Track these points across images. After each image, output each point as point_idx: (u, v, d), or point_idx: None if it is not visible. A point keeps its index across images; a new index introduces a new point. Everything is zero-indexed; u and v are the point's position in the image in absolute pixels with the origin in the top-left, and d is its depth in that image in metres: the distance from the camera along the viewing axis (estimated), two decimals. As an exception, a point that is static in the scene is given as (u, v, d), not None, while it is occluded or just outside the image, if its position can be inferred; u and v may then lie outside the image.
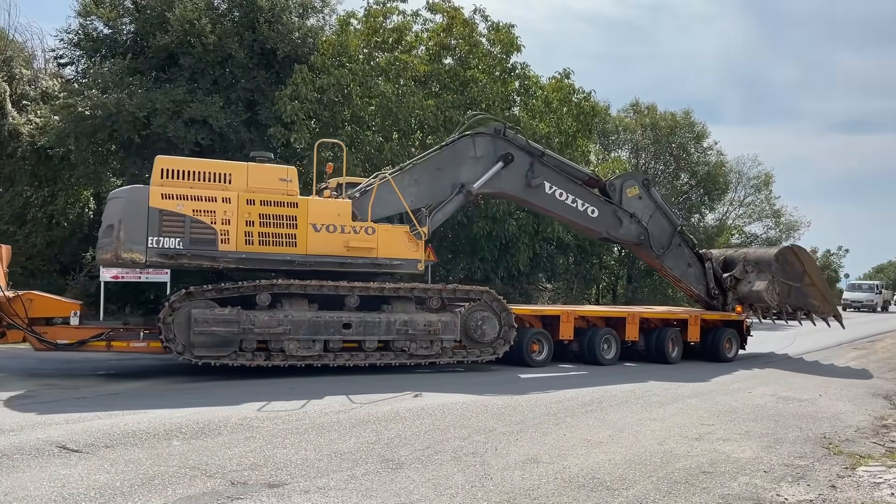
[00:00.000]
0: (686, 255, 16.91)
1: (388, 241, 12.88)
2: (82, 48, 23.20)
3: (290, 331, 11.93)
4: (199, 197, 11.68)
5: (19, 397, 10.03)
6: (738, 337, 16.88)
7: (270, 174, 12.37)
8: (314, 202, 12.58)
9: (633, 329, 15.39)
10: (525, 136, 15.28)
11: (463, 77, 22.94)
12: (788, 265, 16.98)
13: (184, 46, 20.68)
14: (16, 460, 6.43)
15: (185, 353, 11.54)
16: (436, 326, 12.91)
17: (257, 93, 21.29)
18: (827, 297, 17.87)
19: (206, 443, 7.27)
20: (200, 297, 11.75)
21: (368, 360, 12.55)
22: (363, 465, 6.54)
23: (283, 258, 12.13)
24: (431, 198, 14.12)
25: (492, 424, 8.57)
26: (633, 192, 16.02)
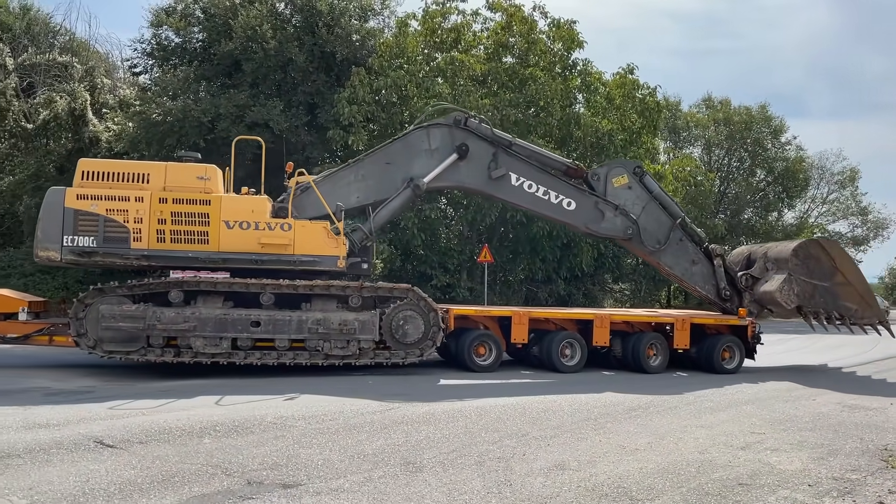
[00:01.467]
0: (689, 252, 14.99)
1: (306, 238, 12.37)
2: (154, 57, 24.17)
3: (195, 328, 11.87)
4: (113, 197, 11.94)
5: (75, 392, 10.44)
6: (740, 345, 14.49)
7: (188, 173, 12.36)
8: (228, 199, 12.34)
9: (602, 333, 13.80)
10: (490, 126, 14.19)
11: (521, 75, 22.70)
12: (812, 261, 14.69)
13: (247, 52, 21.25)
14: (51, 454, 6.66)
15: (96, 348, 11.89)
16: (352, 326, 12.28)
17: (317, 96, 21.66)
18: (867, 300, 15.14)
19: (235, 441, 7.37)
20: (111, 294, 12.03)
21: (280, 359, 12.22)
22: (382, 468, 6.48)
23: (194, 255, 12.05)
24: (380, 193, 13.57)
25: (526, 429, 8.37)
26: (621, 182, 14.53)
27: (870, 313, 15.10)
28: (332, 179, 13.71)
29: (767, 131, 39.64)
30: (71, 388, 10.79)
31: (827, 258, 14.80)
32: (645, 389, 11.64)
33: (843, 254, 15.31)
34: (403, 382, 12.02)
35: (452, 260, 22.83)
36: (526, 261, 23.82)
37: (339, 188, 13.57)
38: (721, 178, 39.41)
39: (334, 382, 11.52)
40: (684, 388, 12.12)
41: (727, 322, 14.68)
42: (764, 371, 14.65)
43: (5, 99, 26.94)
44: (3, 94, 27.06)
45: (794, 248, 14.65)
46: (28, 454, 6.65)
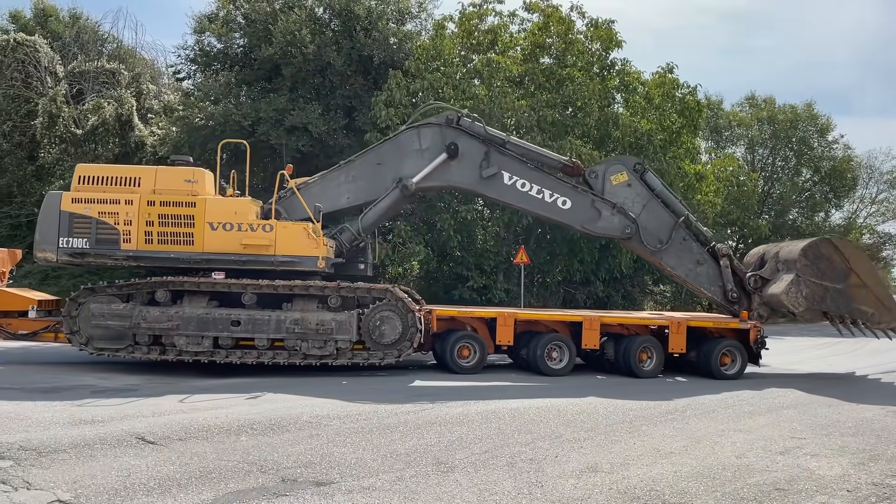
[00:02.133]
0: (694, 252, 14.23)
1: (287, 239, 12.44)
2: (197, 63, 24.68)
3: (179, 326, 12.23)
4: (105, 200, 12.37)
5: (120, 390, 10.73)
6: (742, 350, 13.66)
7: (176, 176, 12.67)
8: (212, 201, 12.56)
9: (591, 335, 13.36)
10: (483, 124, 13.92)
11: (559, 75, 22.62)
12: (824, 261, 13.69)
13: (286, 57, 21.59)
14: (95, 450, 6.88)
15: (88, 345, 12.42)
16: (329, 326, 12.36)
17: (355, 99, 21.88)
18: (886, 303, 14.00)
19: (271, 439, 7.51)
20: (101, 293, 12.54)
21: (260, 358, 12.40)
22: (414, 467, 6.54)
23: (180, 256, 12.33)
24: (371, 194, 13.56)
25: (560, 430, 8.35)
26: (620, 180, 14.01)
27: (888, 318, 14.02)
28: (323, 181, 13.88)
29: (813, 130, 38.72)
30: (116, 386, 11.09)
31: (840, 258, 13.80)
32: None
33: (858, 254, 14.35)
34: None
35: (489, 261, 22.83)
36: (564, 262, 23.70)
37: (330, 189, 13.71)
38: (765, 177, 38.63)
39: (363, 383, 11.64)
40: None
41: (727, 325, 13.92)
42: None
43: (55, 105, 27.77)
44: (54, 100, 27.91)
45: (803, 248, 13.72)
46: (73, 449, 6.88)
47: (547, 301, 25.12)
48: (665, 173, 22.92)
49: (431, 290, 24.03)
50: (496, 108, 20.96)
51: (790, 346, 22.06)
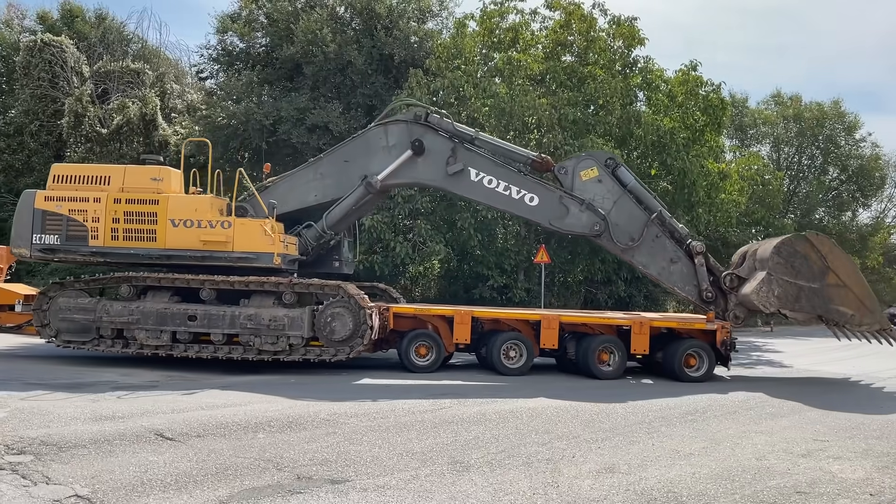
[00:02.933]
0: (668, 249, 13.65)
1: (244, 235, 12.61)
2: (220, 62, 24.86)
3: (139, 321, 12.65)
4: (75, 198, 12.80)
5: (141, 386, 10.84)
6: (709, 351, 13.00)
7: (143, 174, 13.04)
8: (174, 198, 12.81)
9: (549, 335, 13.04)
10: (452, 121, 13.80)
11: (580, 73, 22.47)
12: (798, 259, 12.92)
13: (307, 56, 21.68)
14: (115, 445, 6.94)
15: (57, 338, 12.98)
16: (282, 322, 12.43)
17: (375, 98, 21.92)
18: (867, 304, 13.14)
19: (288, 437, 7.53)
20: (71, 288, 13.14)
21: (217, 353, 12.64)
22: (430, 466, 6.52)
23: (143, 252, 12.69)
24: (339, 192, 13.57)
25: (578, 431, 8.29)
26: (590, 175, 13.58)
27: (869, 319, 13.15)
28: (291, 178, 14.07)
29: (841, 128, 38.15)
30: (137, 383, 11.21)
31: (817, 256, 12.99)
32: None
33: (837, 251, 13.31)
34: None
35: (509, 260, 22.75)
36: (585, 261, 23.54)
37: (299, 187, 13.86)
38: (790, 176, 38.14)
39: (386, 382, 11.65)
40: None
41: (692, 326, 13.25)
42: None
43: (81, 105, 28.14)
44: (80, 100, 28.27)
45: (776, 245, 13.07)
46: (93, 444, 6.95)
47: (568, 301, 24.98)
48: (688, 172, 22.72)
49: (452, 290, 24.02)
50: (517, 107, 20.87)
51: (814, 347, 21.77)
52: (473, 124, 22.42)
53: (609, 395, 11.01)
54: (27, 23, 37.23)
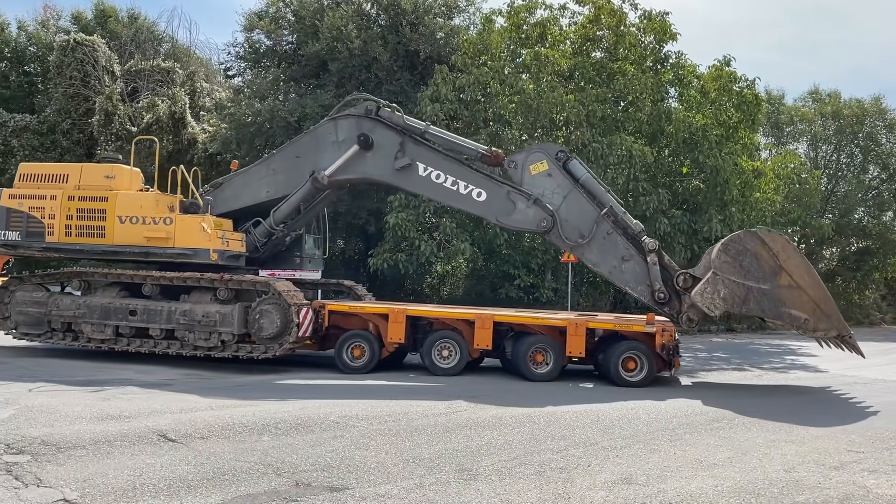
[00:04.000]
0: (619, 247, 12.71)
1: (184, 232, 12.72)
2: (247, 60, 24.85)
3: (85, 314, 13.04)
4: (35, 195, 13.28)
5: (156, 385, 10.73)
6: (649, 355, 12.03)
7: (97, 172, 13.39)
8: (122, 196, 13.03)
9: (483, 335, 12.40)
10: (402, 114, 13.39)
11: (609, 69, 21.98)
12: (748, 258, 11.74)
13: (332, 53, 21.53)
14: (115, 446, 6.77)
15: (16, 330, 13.66)
16: (213, 318, 12.48)
17: (401, 95, 21.69)
18: (823, 307, 11.74)
19: (293, 440, 7.30)
20: (28, 283, 13.79)
21: (157, 347, 12.82)
22: (436, 474, 6.22)
23: (91, 248, 13.09)
24: (290, 188, 13.46)
25: (596, 437, 7.92)
26: (539, 169, 12.84)
27: (825, 325, 11.76)
28: (245, 174, 14.09)
29: (882, 125, 36.84)
30: (152, 381, 11.11)
31: (768, 255, 11.71)
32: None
33: (789, 249, 11.93)
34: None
35: (536, 259, 22.35)
36: (613, 261, 23.02)
37: (252, 183, 13.86)
38: (828, 175, 36.98)
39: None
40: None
41: (630, 328, 12.36)
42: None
43: (111, 103, 28.41)
44: (110, 98, 28.56)
45: (723, 242, 12.00)
46: (93, 445, 6.79)
47: (597, 301, 24.47)
48: (721, 170, 22.09)
49: (478, 289, 23.69)
50: (544, 103, 20.47)
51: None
52: (500, 121, 22.15)
53: (633, 398, 10.60)
54: (62, 23, 37.79)
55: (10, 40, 36.64)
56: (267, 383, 11.25)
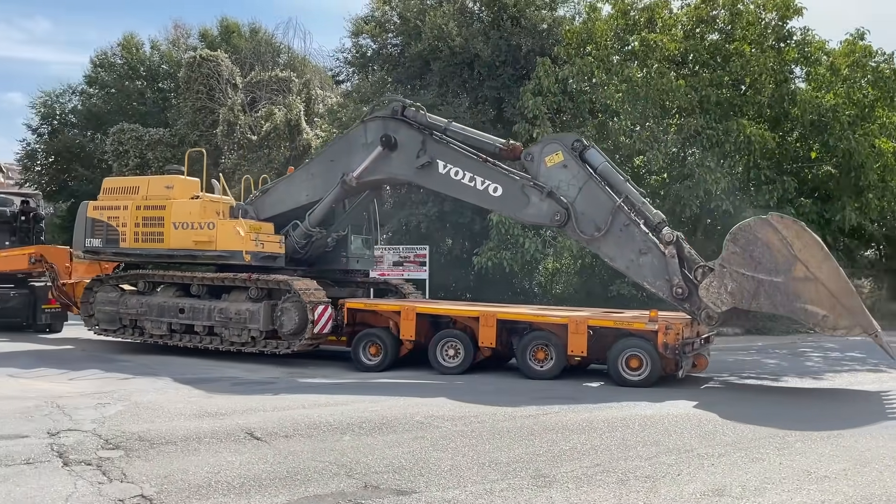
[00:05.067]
0: (636, 239, 11.68)
1: (224, 235, 13.60)
2: (354, 65, 25.40)
3: (146, 313, 14.31)
4: (112, 206, 14.62)
5: (258, 383, 11.09)
6: (653, 353, 11.08)
7: (160, 183, 14.58)
8: (177, 204, 14.03)
9: (487, 333, 12.03)
10: (425, 113, 13.27)
11: (725, 51, 20.75)
12: (759, 248, 10.51)
13: (434, 52, 21.57)
14: (203, 443, 6.98)
15: (98, 327, 15.09)
16: (244, 315, 13.25)
17: (503, 90, 21.45)
18: (844, 302, 10.29)
19: (373, 440, 7.25)
20: (107, 283, 15.11)
21: (202, 343, 13.80)
22: (510, 479, 5.96)
23: (152, 252, 14.33)
24: (326, 190, 13.87)
25: (693, 444, 7.37)
26: (555, 160, 12.15)
27: (847, 322, 10.30)
28: (289, 179, 14.86)
29: None
30: (256, 379, 11.50)
31: (782, 244, 10.41)
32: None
33: (806, 237, 10.48)
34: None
35: (649, 254, 21.42)
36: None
37: (294, 187, 14.48)
38: None
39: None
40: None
41: (631, 326, 11.50)
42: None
43: (233, 114, 29.92)
44: (232, 109, 30.09)
45: (732, 231, 10.89)
46: (183, 442, 7.03)
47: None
48: (855, 153, 20.34)
49: (588, 286, 23.02)
50: (653, 91, 19.60)
51: None
52: (607, 111, 21.42)
53: (742, 400, 9.87)
54: (191, 41, 40.32)
55: (144, 59, 39.53)
56: (364, 383, 11.35)
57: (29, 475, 5.84)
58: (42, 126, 39.21)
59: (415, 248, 19.57)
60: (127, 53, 39.17)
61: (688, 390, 11.01)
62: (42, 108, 39.24)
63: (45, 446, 6.76)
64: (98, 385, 10.50)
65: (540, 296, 24.77)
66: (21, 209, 19.85)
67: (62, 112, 39.79)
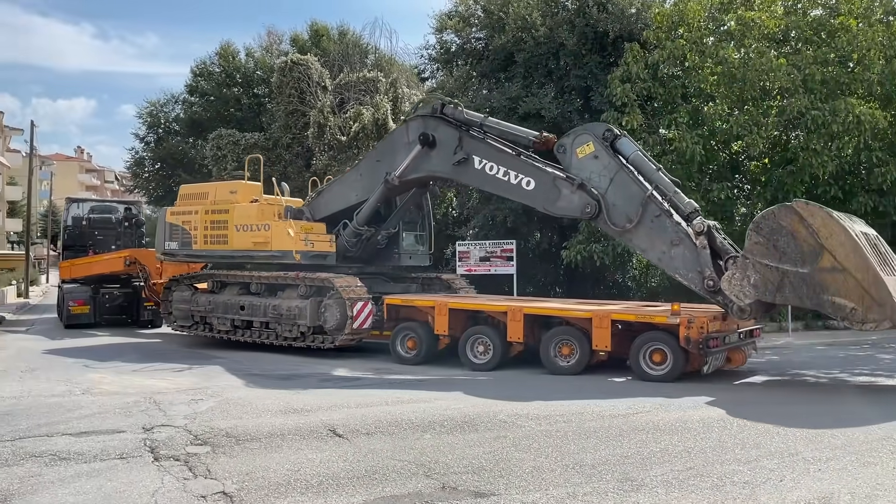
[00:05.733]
0: (668, 230, 11.24)
1: (278, 236, 14.30)
2: (438, 61, 25.35)
3: (213, 310, 15.38)
4: (186, 212, 15.74)
5: (348, 379, 11.20)
6: (675, 348, 10.68)
7: (225, 189, 15.62)
8: (239, 208, 14.93)
9: (515, 328, 12.00)
10: (462, 109, 13.42)
11: (829, 27, 19.42)
12: (784, 237, 9.96)
13: (518, 44, 21.22)
14: (286, 440, 7.03)
15: (175, 323, 16.30)
16: (294, 312, 13.89)
17: (590, 79, 20.85)
18: (874, 294, 9.44)
19: (454, 439, 7.11)
20: (182, 283, 16.31)
21: (259, 338, 14.58)
22: (594, 483, 5.68)
23: (218, 253, 15.27)
24: (372, 190, 14.29)
25: (798, 447, 6.84)
26: (586, 151, 11.89)
27: (877, 315, 9.46)
28: (340, 181, 15.47)
29: None
30: (344, 376, 11.62)
31: (807, 233, 9.82)
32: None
33: (832, 225, 9.78)
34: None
35: (749, 245, 20.36)
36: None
37: (345, 188, 15.04)
38: None
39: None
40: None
41: (652, 320, 11.17)
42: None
43: (323, 116, 30.47)
44: (322, 111, 30.66)
45: (755, 220, 10.44)
46: (267, 438, 7.10)
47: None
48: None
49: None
50: (751, 71, 18.56)
51: None
52: (701, 96, 20.48)
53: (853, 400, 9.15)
54: (283, 46, 41.43)
55: (240, 67, 40.91)
56: (449, 380, 11.25)
57: (121, 470, 6.02)
58: (148, 135, 41.26)
59: (501, 243, 19.26)
60: (224, 62, 40.64)
61: (795, 389, 10.34)
62: (148, 117, 41.28)
63: (139, 441, 6.98)
64: (194, 381, 10.86)
65: (634, 290, 24.02)
66: (124, 216, 21.57)
67: (166, 121, 41.73)
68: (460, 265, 19.47)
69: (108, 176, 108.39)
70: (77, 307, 19.68)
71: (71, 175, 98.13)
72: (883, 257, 10.16)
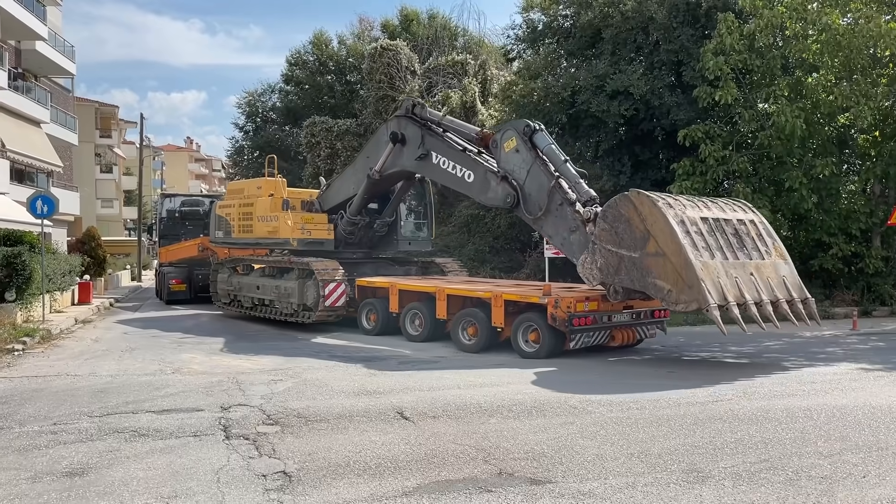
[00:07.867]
0: (569, 219, 11.78)
1: (283, 225, 16.30)
2: (524, 40, 24.97)
3: (240, 289, 17.77)
4: (228, 205, 18.36)
5: (424, 361, 11.31)
6: (546, 327, 11.34)
7: (253, 185, 17.95)
8: (260, 201, 17.10)
9: (441, 306, 13.39)
10: (425, 108, 14.47)
11: (950, -17, 17.83)
12: (623, 224, 10.71)
13: (606, 20, 20.60)
14: (352, 422, 7.15)
15: (219, 302, 18.78)
16: (288, 291, 15.85)
17: (681, 52, 20.01)
18: (685, 277, 9.96)
19: (519, 424, 7.02)
20: (225, 266, 18.76)
21: (267, 314, 16.67)
22: (657, 473, 5.47)
23: (245, 241, 17.55)
24: (362, 183, 15.62)
25: (889, 441, 6.35)
26: (510, 146, 12.62)
27: (687, 296, 10.02)
28: (341, 176, 17.08)
29: None
30: (423, 358, 11.72)
31: (639, 220, 10.55)
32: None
33: (656, 212, 10.39)
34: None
35: (857, 224, 19.10)
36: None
37: (345, 182, 16.60)
38: None
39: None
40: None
41: (528, 299, 11.89)
42: None
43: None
44: (411, 96, 30.87)
45: (602, 208, 11.18)
46: (336, 419, 7.24)
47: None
48: None
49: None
50: (858, 38, 17.31)
51: None
52: (803, 66, 19.30)
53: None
54: (374, 33, 41.94)
55: (333, 55, 41.73)
56: (529, 361, 11.12)
57: (192, 447, 6.28)
58: (247, 124, 42.84)
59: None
60: (317, 50, 41.57)
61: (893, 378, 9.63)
62: (247, 107, 42.86)
63: (215, 420, 7.26)
64: (278, 362, 11.22)
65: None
66: (210, 208, 23.40)
67: (264, 110, 43.19)
68: (548, 249, 19.19)
69: (215, 165, 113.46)
70: (176, 285, 23.23)
71: (181, 164, 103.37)
72: (726, 242, 10.69)
